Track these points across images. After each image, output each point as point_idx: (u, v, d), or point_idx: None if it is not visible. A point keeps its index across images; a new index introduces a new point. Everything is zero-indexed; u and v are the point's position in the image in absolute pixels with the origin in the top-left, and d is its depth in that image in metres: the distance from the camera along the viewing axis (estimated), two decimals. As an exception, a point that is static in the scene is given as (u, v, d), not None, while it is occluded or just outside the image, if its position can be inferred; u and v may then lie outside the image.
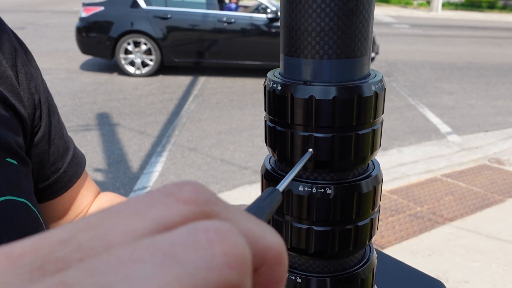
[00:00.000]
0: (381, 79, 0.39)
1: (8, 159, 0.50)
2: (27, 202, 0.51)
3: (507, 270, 2.60)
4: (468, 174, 3.91)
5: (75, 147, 0.66)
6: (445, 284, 0.62)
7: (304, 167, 0.38)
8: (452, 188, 3.63)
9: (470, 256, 2.72)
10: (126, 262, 0.14)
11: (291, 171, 0.35)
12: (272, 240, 0.19)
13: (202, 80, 7.07)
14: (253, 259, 0.18)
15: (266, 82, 0.40)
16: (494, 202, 3.42)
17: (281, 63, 0.40)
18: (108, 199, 0.71)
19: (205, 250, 0.16)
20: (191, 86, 6.71)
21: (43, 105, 0.58)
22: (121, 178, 3.83)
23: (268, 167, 0.42)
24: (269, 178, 0.41)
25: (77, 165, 0.64)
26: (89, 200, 0.69)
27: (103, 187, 3.55)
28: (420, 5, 24.29)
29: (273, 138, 0.40)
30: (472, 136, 4.97)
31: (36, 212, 0.52)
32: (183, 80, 7.02)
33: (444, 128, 5.22)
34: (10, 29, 0.57)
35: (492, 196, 3.51)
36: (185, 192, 0.17)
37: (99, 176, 3.78)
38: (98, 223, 0.16)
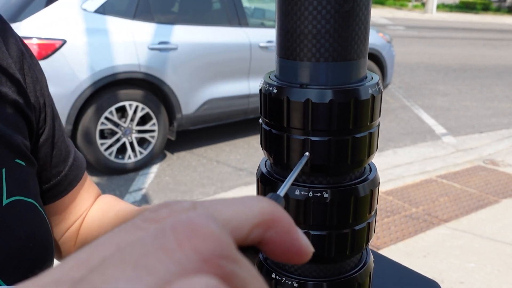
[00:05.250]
0: (378, 81, 0.38)
1: (16, 160, 0.51)
2: (35, 203, 0.52)
3: (502, 271, 2.60)
4: (463, 175, 3.93)
5: (76, 151, 0.67)
6: (441, 285, 0.61)
7: (301, 171, 0.37)
8: (447, 189, 3.64)
9: (465, 257, 2.73)
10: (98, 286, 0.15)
11: (289, 176, 0.34)
12: (259, 209, 0.19)
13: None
14: (246, 235, 0.19)
15: (262, 85, 0.39)
16: (488, 203, 3.43)
17: (277, 65, 0.39)
18: (107, 201, 0.72)
19: (176, 253, 0.15)
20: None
21: (48, 108, 0.60)
22: (116, 179, 3.81)
23: (264, 170, 0.42)
24: (265, 181, 0.41)
25: (77, 169, 0.66)
26: (89, 202, 0.70)
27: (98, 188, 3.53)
28: (415, 7, 24.38)
29: (269, 141, 0.40)
30: (467, 137, 4.99)
31: (43, 212, 0.54)
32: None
33: (439, 129, 5.24)
34: (17, 34, 0.59)
35: (487, 197, 3.52)
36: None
37: (94, 178, 3.77)
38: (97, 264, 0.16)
